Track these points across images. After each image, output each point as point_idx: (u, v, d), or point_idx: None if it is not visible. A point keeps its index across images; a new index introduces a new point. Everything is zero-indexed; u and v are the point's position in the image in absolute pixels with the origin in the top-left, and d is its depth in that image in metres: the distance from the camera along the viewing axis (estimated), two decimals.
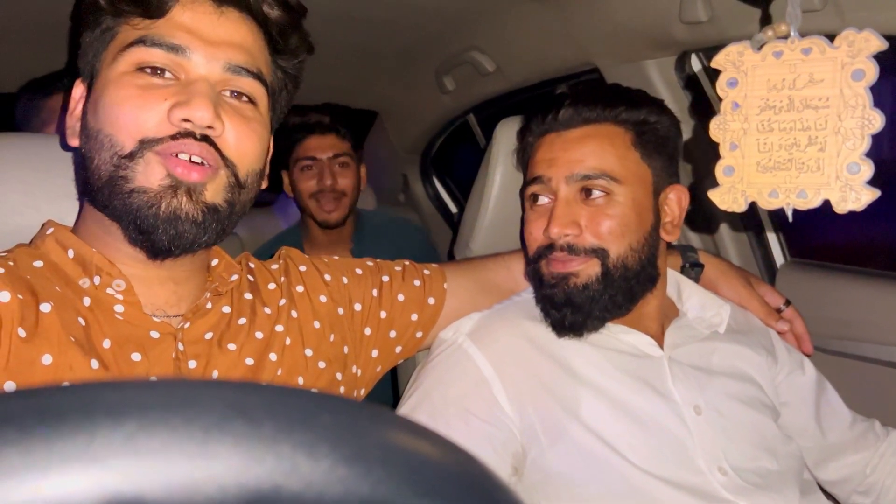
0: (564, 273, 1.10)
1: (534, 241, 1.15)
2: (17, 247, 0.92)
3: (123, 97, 0.83)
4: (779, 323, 1.31)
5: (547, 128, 1.16)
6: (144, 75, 0.84)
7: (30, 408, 0.21)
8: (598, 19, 1.56)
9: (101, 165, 0.84)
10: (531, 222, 1.16)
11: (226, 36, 0.88)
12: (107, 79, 0.86)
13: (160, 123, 0.82)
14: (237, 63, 0.88)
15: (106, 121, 0.84)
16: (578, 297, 1.10)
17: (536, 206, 1.15)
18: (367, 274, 1.14)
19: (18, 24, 1.62)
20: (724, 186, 0.62)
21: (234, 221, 0.92)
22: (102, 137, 0.83)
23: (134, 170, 0.82)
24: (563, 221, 1.09)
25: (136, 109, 0.83)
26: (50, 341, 0.80)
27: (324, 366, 1.02)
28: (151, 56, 0.85)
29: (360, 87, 2.41)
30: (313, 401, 0.26)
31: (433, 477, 0.27)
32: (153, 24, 0.85)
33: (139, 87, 0.84)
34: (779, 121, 0.59)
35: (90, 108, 0.87)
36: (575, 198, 1.11)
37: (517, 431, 1.07)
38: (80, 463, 0.21)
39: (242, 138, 0.87)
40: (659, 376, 1.13)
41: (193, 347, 0.90)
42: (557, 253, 1.10)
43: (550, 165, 1.12)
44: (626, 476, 1.03)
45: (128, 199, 0.82)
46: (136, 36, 0.85)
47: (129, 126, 0.82)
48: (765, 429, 1.15)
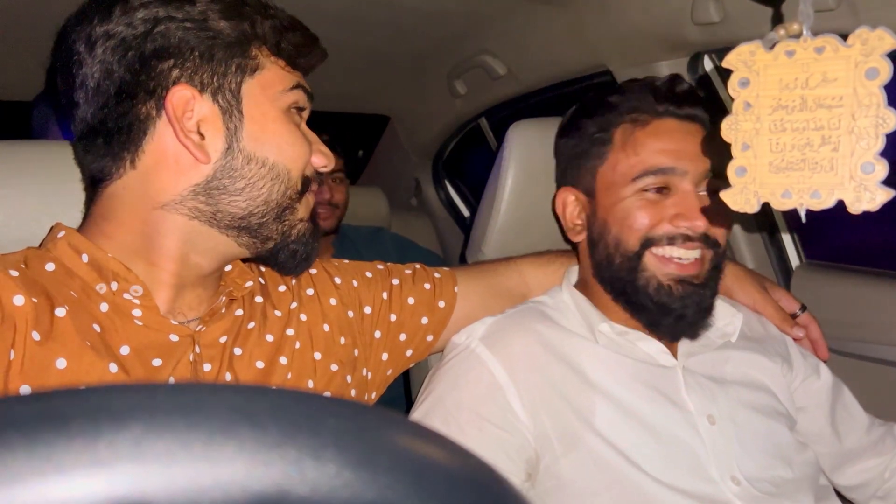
0: (683, 276, 1.10)
1: (647, 227, 1.10)
2: (27, 249, 0.92)
3: (292, 136, 0.93)
4: (794, 329, 1.29)
5: (665, 112, 1.13)
6: (294, 114, 0.95)
7: (34, 412, 0.21)
8: (609, 21, 1.56)
9: (270, 196, 0.92)
10: (645, 208, 1.11)
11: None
12: (270, 113, 0.92)
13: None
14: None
15: (278, 152, 0.92)
16: (696, 296, 1.10)
17: (653, 195, 1.11)
18: (377, 277, 1.14)
19: (35, 33, 1.64)
20: (736, 187, 0.61)
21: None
22: (275, 167, 0.92)
23: (298, 202, 0.95)
24: (702, 214, 1.09)
25: (300, 149, 0.94)
26: (65, 345, 0.80)
27: (335, 369, 1.02)
28: (300, 99, 0.96)
29: (372, 92, 2.42)
30: (319, 405, 0.26)
31: (442, 482, 0.27)
32: (290, 73, 0.95)
33: (296, 126, 0.95)
34: (791, 120, 0.58)
35: (246, 135, 0.90)
36: (700, 192, 1.11)
37: (531, 437, 1.06)
38: (85, 467, 0.21)
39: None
40: (673, 386, 1.12)
41: (209, 351, 0.91)
42: (694, 242, 1.09)
43: (681, 158, 1.10)
44: (639, 486, 1.02)
45: (294, 228, 0.96)
46: (291, 80, 0.94)
47: (295, 162, 0.93)
48: (779, 437, 1.13)
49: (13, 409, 0.21)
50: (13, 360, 0.77)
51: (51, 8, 1.51)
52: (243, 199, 0.88)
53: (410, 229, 2.80)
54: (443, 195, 2.90)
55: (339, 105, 2.55)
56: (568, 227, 1.23)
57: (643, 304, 1.12)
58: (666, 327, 1.13)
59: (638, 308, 1.14)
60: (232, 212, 0.89)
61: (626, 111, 1.15)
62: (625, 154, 1.13)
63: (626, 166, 1.12)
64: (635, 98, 1.14)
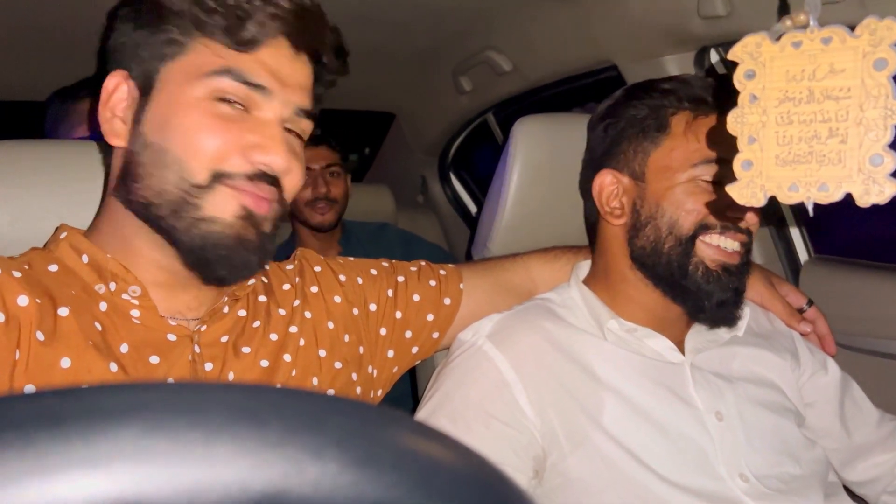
0: (728, 263, 1.10)
1: (703, 214, 1.10)
2: (30, 250, 0.93)
3: (201, 126, 0.84)
4: (801, 324, 1.29)
5: (714, 107, 1.13)
6: (223, 105, 0.85)
7: (30, 412, 0.21)
8: (615, 16, 1.55)
9: (166, 187, 0.84)
10: (700, 194, 1.10)
11: (297, 80, 0.90)
12: (179, 98, 0.86)
13: (237, 160, 0.85)
14: (303, 107, 0.91)
15: (177, 143, 0.84)
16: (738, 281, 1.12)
17: (707, 185, 1.10)
18: (382, 274, 1.14)
19: (47, 35, 1.65)
20: (742, 181, 0.61)
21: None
22: (170, 159, 0.84)
23: (204, 199, 0.84)
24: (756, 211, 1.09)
25: (214, 141, 0.84)
26: (68, 345, 0.81)
27: (339, 366, 1.02)
28: (236, 90, 0.86)
29: (377, 89, 2.42)
30: (321, 403, 0.26)
31: (446, 481, 0.26)
32: (237, 56, 0.86)
33: (218, 118, 0.85)
34: (798, 113, 0.57)
35: (150, 120, 0.87)
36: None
37: (538, 435, 1.06)
38: (82, 468, 0.21)
39: (296, 177, 0.91)
40: (681, 382, 1.11)
41: (209, 350, 0.91)
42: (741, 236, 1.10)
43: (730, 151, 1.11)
44: (646, 484, 1.02)
45: (195, 225, 0.84)
46: (220, 65, 0.85)
47: (205, 156, 0.84)
48: (787, 434, 1.12)
49: (8, 409, 0.21)
50: (18, 360, 0.78)
51: (62, 10, 1.51)
52: (143, 188, 0.86)
53: (417, 226, 2.80)
54: (449, 192, 2.90)
55: (344, 102, 2.55)
56: (604, 210, 1.19)
57: (688, 289, 1.11)
58: (709, 312, 1.12)
59: (681, 292, 1.12)
60: (139, 201, 0.87)
61: (686, 97, 1.13)
62: (685, 140, 1.12)
63: (686, 152, 1.11)
64: (699, 87, 1.14)
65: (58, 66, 1.74)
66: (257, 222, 0.86)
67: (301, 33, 0.90)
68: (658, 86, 1.17)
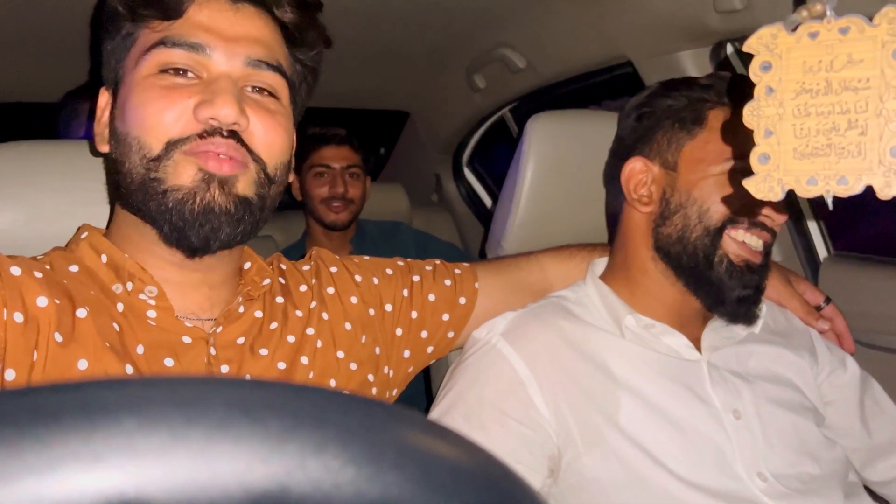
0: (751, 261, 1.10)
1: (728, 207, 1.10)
2: (53, 250, 0.93)
3: (148, 99, 0.84)
4: (819, 322, 1.27)
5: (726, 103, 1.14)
6: (167, 76, 0.85)
7: (26, 406, 0.21)
8: (630, 12, 1.53)
9: (133, 169, 0.85)
10: (727, 188, 1.10)
11: (243, 31, 0.89)
12: (131, 83, 0.87)
13: (186, 123, 0.83)
14: (257, 57, 0.88)
15: (133, 124, 0.85)
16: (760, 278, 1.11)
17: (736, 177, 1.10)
18: (397, 274, 1.14)
19: (60, 37, 1.66)
20: (759, 175, 0.59)
21: (266, 216, 0.92)
22: (131, 140, 0.84)
23: (165, 171, 0.83)
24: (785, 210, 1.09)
25: (161, 111, 0.83)
26: (86, 347, 0.81)
27: (355, 367, 1.02)
28: (173, 57, 0.85)
29: (391, 88, 2.42)
30: (322, 398, 0.25)
31: (449, 478, 0.26)
32: (171, 25, 0.86)
33: (163, 88, 0.84)
34: (816, 104, 0.56)
35: (117, 114, 0.89)
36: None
37: (553, 434, 1.05)
38: (77, 463, 0.20)
39: (269, 131, 0.88)
40: (698, 380, 1.10)
41: (225, 352, 0.90)
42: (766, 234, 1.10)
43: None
44: (662, 485, 1.01)
45: (162, 199, 0.83)
46: (156, 38, 0.86)
47: (155, 127, 0.83)
48: (806, 433, 1.11)
49: (4, 404, 0.21)
50: (36, 361, 0.78)
51: (75, 12, 1.53)
52: (122, 178, 0.87)
53: (431, 225, 2.80)
54: (463, 191, 2.89)
55: (358, 102, 2.55)
56: (632, 198, 1.18)
57: (710, 281, 1.11)
58: (728, 306, 1.11)
59: (704, 283, 1.12)
60: (122, 193, 0.89)
61: (725, 94, 1.14)
62: (721, 136, 1.12)
63: (722, 146, 1.11)
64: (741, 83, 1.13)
65: (71, 68, 1.76)
66: (223, 183, 0.84)
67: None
68: (698, 80, 1.17)
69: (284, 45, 0.95)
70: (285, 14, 0.93)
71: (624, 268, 1.20)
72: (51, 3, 1.50)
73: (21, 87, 1.92)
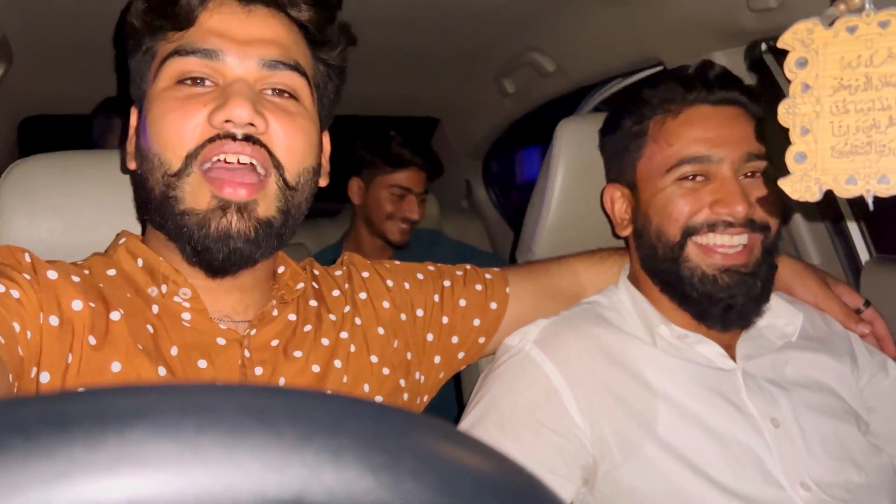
0: (728, 265, 1.08)
1: (686, 216, 1.09)
2: (92, 255, 0.95)
3: (165, 111, 0.84)
4: (859, 326, 1.24)
5: (696, 99, 1.12)
6: (184, 87, 0.85)
7: (36, 415, 0.21)
8: (662, 13, 1.51)
9: (155, 186, 0.85)
10: (684, 197, 1.10)
11: (257, 33, 0.87)
12: (151, 97, 0.87)
13: (202, 132, 0.83)
14: (272, 57, 0.87)
15: (153, 139, 0.85)
16: (745, 284, 1.08)
17: (691, 183, 1.10)
18: (428, 279, 1.13)
19: (93, 50, 1.69)
20: (795, 175, 0.57)
21: (293, 228, 0.91)
22: (152, 157, 0.85)
23: (183, 189, 0.83)
24: (745, 198, 1.06)
25: (177, 123, 0.83)
26: (118, 349, 0.82)
27: (388, 372, 1.02)
28: (187, 65, 0.85)
29: (421, 94, 2.42)
30: (338, 406, 0.25)
31: (470, 487, 0.25)
32: (185, 34, 0.86)
33: (179, 100, 0.84)
34: (855, 101, 0.54)
35: (142, 130, 0.89)
36: (740, 176, 1.09)
37: (588, 443, 1.04)
38: (87, 472, 0.20)
39: (289, 134, 0.86)
40: (733, 389, 1.08)
41: (259, 354, 0.91)
42: (735, 227, 1.07)
43: (717, 144, 1.08)
44: (703, 494, 0.99)
45: (180, 221, 0.84)
46: (170, 48, 0.86)
47: (173, 141, 0.83)
48: (849, 440, 1.08)
49: (14, 412, 0.20)
50: (70, 364, 0.79)
51: (108, 25, 1.55)
52: (145, 195, 0.88)
53: (462, 231, 2.79)
54: (493, 196, 2.88)
55: (388, 109, 2.56)
56: (616, 223, 1.22)
57: (689, 295, 1.10)
58: (714, 317, 1.10)
59: (684, 299, 1.12)
60: (146, 209, 0.89)
61: (657, 103, 1.14)
62: (659, 146, 1.12)
63: (662, 157, 1.12)
64: (666, 89, 1.13)
65: (105, 80, 1.79)
66: (242, 208, 0.83)
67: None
68: (639, 94, 1.18)
69: (305, 45, 0.93)
70: (300, 13, 0.91)
71: (637, 278, 1.21)
72: (84, 17, 1.53)
73: (58, 100, 1.96)
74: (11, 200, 1.04)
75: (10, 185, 1.04)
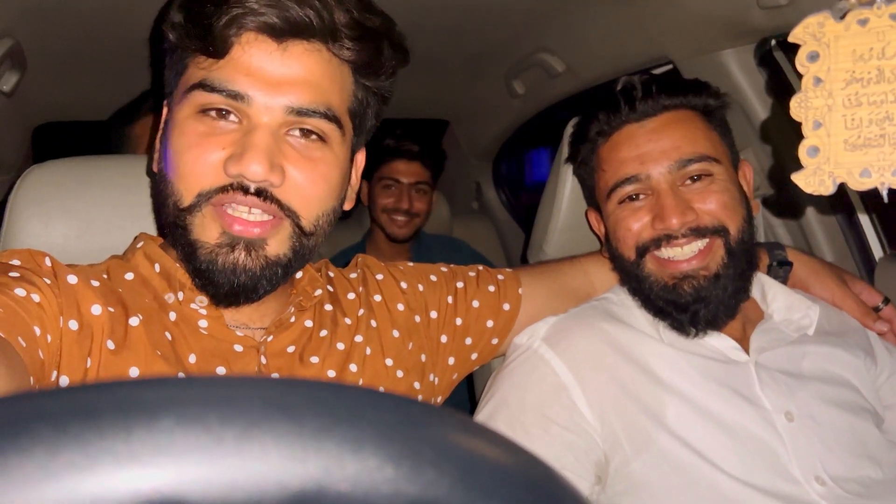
0: (687, 271, 1.07)
1: (633, 236, 1.10)
2: (110, 258, 0.95)
3: (185, 145, 0.83)
4: (877, 323, 1.23)
5: (622, 121, 1.12)
6: (207, 118, 0.83)
7: (66, 406, 0.21)
8: (671, 11, 1.51)
9: (168, 210, 0.85)
10: (626, 219, 1.11)
11: (289, 73, 0.83)
12: (174, 119, 0.86)
13: (216, 175, 0.81)
14: (300, 105, 0.83)
15: (170, 168, 0.85)
16: (709, 288, 1.07)
17: (630, 204, 1.11)
18: (441, 281, 1.13)
19: (112, 57, 1.71)
20: (808, 168, 0.57)
21: (306, 261, 0.92)
22: (167, 183, 0.85)
23: (192, 223, 0.83)
24: (680, 209, 1.06)
25: (194, 161, 0.82)
26: (137, 354, 0.82)
27: (402, 375, 1.02)
28: (212, 100, 0.82)
29: (430, 96, 2.42)
30: (358, 396, 0.25)
31: (489, 477, 0.25)
32: (214, 64, 0.82)
33: (200, 135, 0.82)
34: (867, 94, 0.54)
35: (162, 145, 0.88)
36: (679, 185, 1.09)
37: (599, 439, 1.03)
38: (115, 461, 0.20)
39: (308, 185, 0.84)
40: (746, 382, 1.07)
41: (276, 360, 0.91)
42: (680, 240, 1.07)
43: (644, 161, 1.09)
44: (717, 485, 0.98)
45: (189, 249, 0.84)
46: (198, 78, 0.83)
47: (188, 178, 0.82)
48: (865, 435, 1.07)
49: (44, 403, 0.21)
50: (89, 368, 0.80)
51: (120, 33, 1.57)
52: (160, 206, 0.87)
53: (472, 233, 2.79)
54: (503, 197, 2.88)
55: (398, 111, 2.57)
56: (601, 243, 1.25)
57: (659, 307, 1.11)
58: (686, 325, 1.09)
59: (658, 311, 1.12)
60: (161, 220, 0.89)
61: (595, 135, 1.16)
62: (600, 173, 1.16)
63: (603, 183, 1.15)
64: (600, 119, 1.15)
65: (117, 87, 1.81)
66: (251, 245, 0.82)
67: (280, 21, 0.81)
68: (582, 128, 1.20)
69: (347, 75, 0.89)
70: (343, 51, 0.86)
71: None
72: (98, 25, 1.55)
73: (71, 107, 1.98)
74: (27, 205, 1.05)
75: (25, 191, 1.05)
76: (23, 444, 0.20)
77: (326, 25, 0.83)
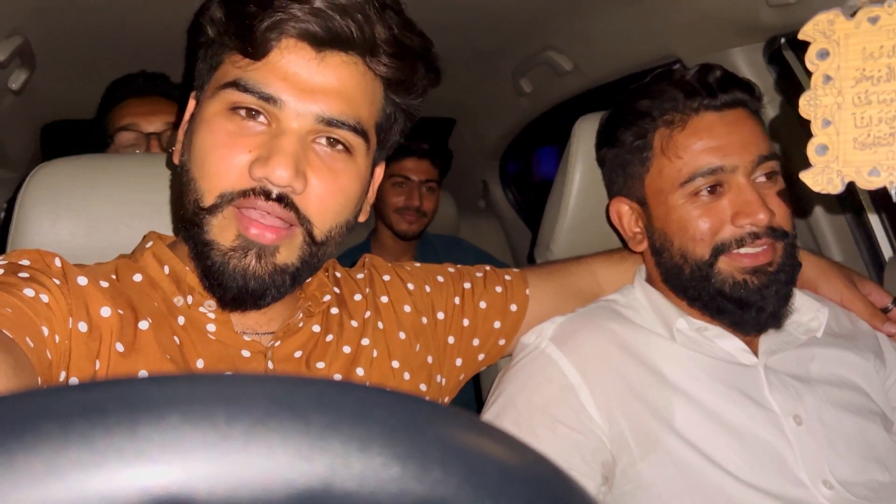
0: (757, 266, 1.05)
1: (711, 233, 1.05)
2: (118, 258, 0.95)
3: (212, 144, 0.82)
4: (885, 325, 1.21)
5: (699, 107, 1.07)
6: (237, 118, 0.83)
7: (71, 403, 0.21)
8: (679, 9, 1.50)
9: (188, 206, 0.85)
10: (700, 215, 1.06)
11: (323, 82, 0.83)
12: (203, 114, 0.85)
13: (239, 177, 0.81)
14: (330, 115, 0.83)
15: (195, 164, 0.84)
16: (774, 284, 1.05)
17: (707, 197, 1.06)
18: (448, 282, 1.13)
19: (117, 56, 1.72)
20: (817, 167, 0.57)
21: (312, 272, 0.91)
22: (189, 179, 0.85)
23: (210, 223, 0.83)
24: (763, 206, 1.02)
25: (220, 161, 0.82)
26: (146, 358, 0.83)
27: (409, 377, 1.01)
28: (244, 100, 0.82)
29: (437, 94, 2.41)
30: (365, 394, 0.25)
31: (497, 476, 0.25)
32: (251, 65, 0.82)
33: (228, 134, 0.82)
34: (878, 92, 0.54)
35: (188, 138, 0.88)
36: (757, 182, 1.06)
37: (606, 440, 1.03)
38: (121, 459, 0.20)
39: (327, 196, 0.84)
40: (754, 385, 1.06)
41: (283, 365, 0.91)
42: (761, 240, 1.04)
43: (727, 153, 1.04)
44: (724, 488, 0.97)
45: (203, 249, 0.84)
46: (233, 76, 0.83)
47: (212, 177, 0.82)
48: (874, 439, 1.06)
49: (50, 401, 0.21)
50: (98, 370, 0.80)
51: (130, 31, 1.58)
52: (181, 199, 0.87)
53: (479, 232, 2.79)
54: (510, 196, 2.88)
55: None
56: (627, 237, 1.19)
57: (722, 307, 1.08)
58: (749, 323, 1.07)
59: (717, 310, 1.09)
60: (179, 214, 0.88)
61: (659, 115, 1.09)
62: (668, 159, 1.08)
63: (672, 171, 1.07)
64: (666, 99, 1.09)
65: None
66: (262, 252, 0.82)
67: (322, 30, 0.81)
68: (636, 107, 1.13)
69: (378, 90, 0.89)
70: (379, 67, 0.86)
71: (657, 284, 1.19)
72: (106, 23, 1.55)
73: (80, 105, 1.98)
74: (35, 203, 1.05)
75: (33, 189, 1.06)
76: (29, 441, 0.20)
77: (366, 39, 0.83)
